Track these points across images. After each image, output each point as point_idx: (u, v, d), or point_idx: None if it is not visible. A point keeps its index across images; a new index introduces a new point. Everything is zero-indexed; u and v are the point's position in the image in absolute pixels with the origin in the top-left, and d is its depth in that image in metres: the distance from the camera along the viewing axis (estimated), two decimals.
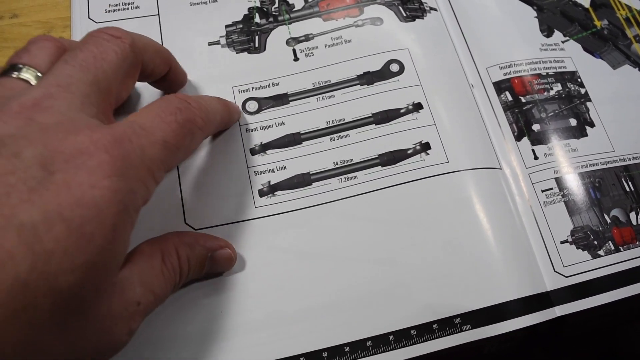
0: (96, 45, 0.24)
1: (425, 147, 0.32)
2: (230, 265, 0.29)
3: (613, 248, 0.32)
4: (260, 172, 0.32)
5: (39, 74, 0.23)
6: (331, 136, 0.33)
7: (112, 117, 0.24)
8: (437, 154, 0.32)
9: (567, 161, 0.34)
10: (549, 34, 0.37)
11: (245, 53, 0.35)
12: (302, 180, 0.32)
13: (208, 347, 0.28)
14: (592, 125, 0.35)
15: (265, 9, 0.36)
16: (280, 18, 0.36)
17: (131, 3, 0.36)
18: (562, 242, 0.32)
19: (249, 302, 0.29)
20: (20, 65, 0.23)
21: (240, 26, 0.35)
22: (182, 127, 0.23)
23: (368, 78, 0.34)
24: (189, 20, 0.36)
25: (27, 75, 0.23)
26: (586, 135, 0.35)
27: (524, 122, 0.34)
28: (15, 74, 0.23)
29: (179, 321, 0.28)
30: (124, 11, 0.36)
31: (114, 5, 0.36)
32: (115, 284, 0.21)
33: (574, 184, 0.33)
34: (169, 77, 0.31)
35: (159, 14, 0.36)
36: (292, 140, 0.33)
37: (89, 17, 0.35)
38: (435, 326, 0.29)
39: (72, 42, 0.26)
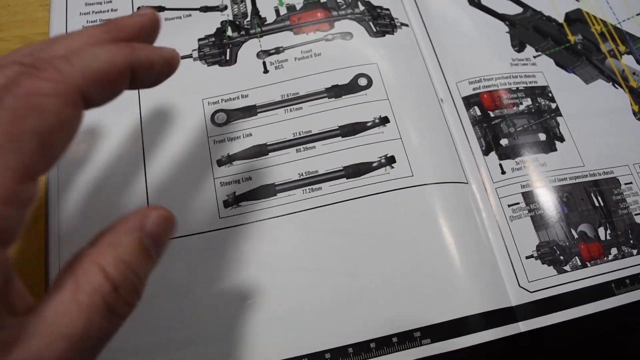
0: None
1: (390, 160, 0.32)
2: (170, 226, 0.21)
3: (580, 263, 0.32)
4: (226, 182, 0.32)
5: None
6: (297, 147, 0.33)
7: None
8: (402, 168, 0.32)
9: (535, 176, 0.34)
10: (520, 49, 0.37)
11: (217, 66, 0.35)
12: (266, 191, 0.32)
13: (165, 358, 0.28)
14: (562, 140, 0.35)
15: (237, 22, 0.37)
16: (252, 31, 0.36)
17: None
18: (527, 257, 0.32)
19: (208, 313, 0.29)
20: None
21: (213, 39, 0.36)
22: (14, 110, 0.17)
23: (336, 91, 0.34)
24: (163, 35, 0.35)
25: None
26: (555, 150, 0.34)
27: (492, 137, 0.34)
28: None
29: (137, 332, 0.28)
30: None
31: (92, 22, 0.36)
32: None
33: (541, 199, 0.33)
34: (140, 83, 0.23)
35: None
36: (259, 151, 0.33)
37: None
38: (394, 339, 0.29)
39: None
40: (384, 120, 0.33)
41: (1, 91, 0.17)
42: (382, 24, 0.36)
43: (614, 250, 0.32)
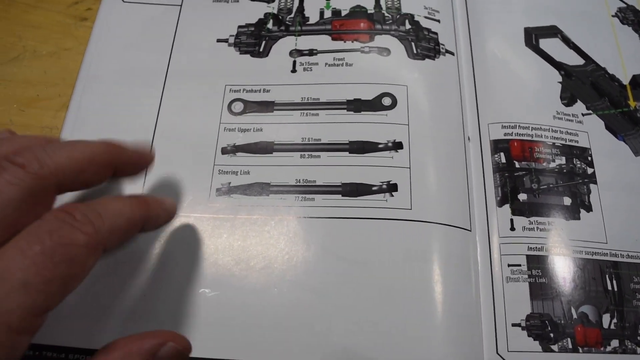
0: None
1: (391, 188, 0.31)
2: (185, 355, 0.24)
3: (570, 347, 0.29)
4: (224, 172, 0.32)
5: None
6: (302, 153, 0.32)
7: None
8: (401, 198, 0.30)
9: (547, 241, 0.31)
10: (569, 103, 0.34)
11: (248, 55, 0.35)
12: (260, 189, 0.31)
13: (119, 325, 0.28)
14: (589, 209, 0.32)
15: (280, 17, 0.36)
16: (292, 28, 0.36)
17: None
18: (513, 325, 0.29)
19: (172, 293, 0.29)
20: None
21: (252, 29, 0.36)
22: (52, 256, 0.19)
23: (357, 105, 0.33)
24: (207, 15, 0.37)
25: None
26: (578, 218, 0.31)
27: (510, 189, 0.32)
28: None
29: (96, 294, 0.28)
30: None
31: None
32: None
33: (547, 267, 0.30)
34: (120, 174, 0.26)
35: (181, 5, 0.37)
36: (264, 148, 0.32)
37: None
38: None
39: None
40: (397, 146, 0.32)
41: (45, 234, 0.19)
42: (424, 46, 0.35)
43: (614, 342, 0.29)
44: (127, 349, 0.22)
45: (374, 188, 0.31)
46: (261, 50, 0.35)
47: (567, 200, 0.32)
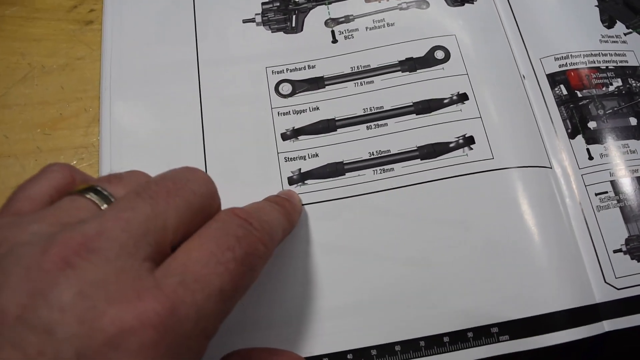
0: (175, 181, 0.20)
1: (468, 141, 0.30)
2: None
3: None
4: (291, 158, 0.30)
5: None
6: (368, 124, 0.31)
7: (169, 249, 0.20)
8: (481, 149, 0.30)
9: (624, 163, 0.31)
10: (610, 25, 0.34)
11: (281, 33, 0.33)
12: (334, 170, 0.30)
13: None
14: None
15: None
16: None
17: None
18: (615, 251, 0.29)
19: (267, 296, 0.27)
20: (100, 189, 0.20)
21: (277, 4, 0.34)
22: (242, 264, 0.19)
23: (410, 64, 0.32)
24: None
25: (102, 201, 0.20)
26: None
27: (579, 119, 0.32)
28: (89, 195, 0.20)
29: None
30: None
31: None
32: None
33: (632, 189, 0.30)
34: None
35: None
36: (327, 126, 0.31)
37: None
38: (470, 334, 0.27)
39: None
40: (463, 97, 0.31)
41: (233, 239, 0.19)
42: None
43: None
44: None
45: (451, 145, 0.30)
46: (293, 25, 0.33)
47: (633, 121, 0.32)
